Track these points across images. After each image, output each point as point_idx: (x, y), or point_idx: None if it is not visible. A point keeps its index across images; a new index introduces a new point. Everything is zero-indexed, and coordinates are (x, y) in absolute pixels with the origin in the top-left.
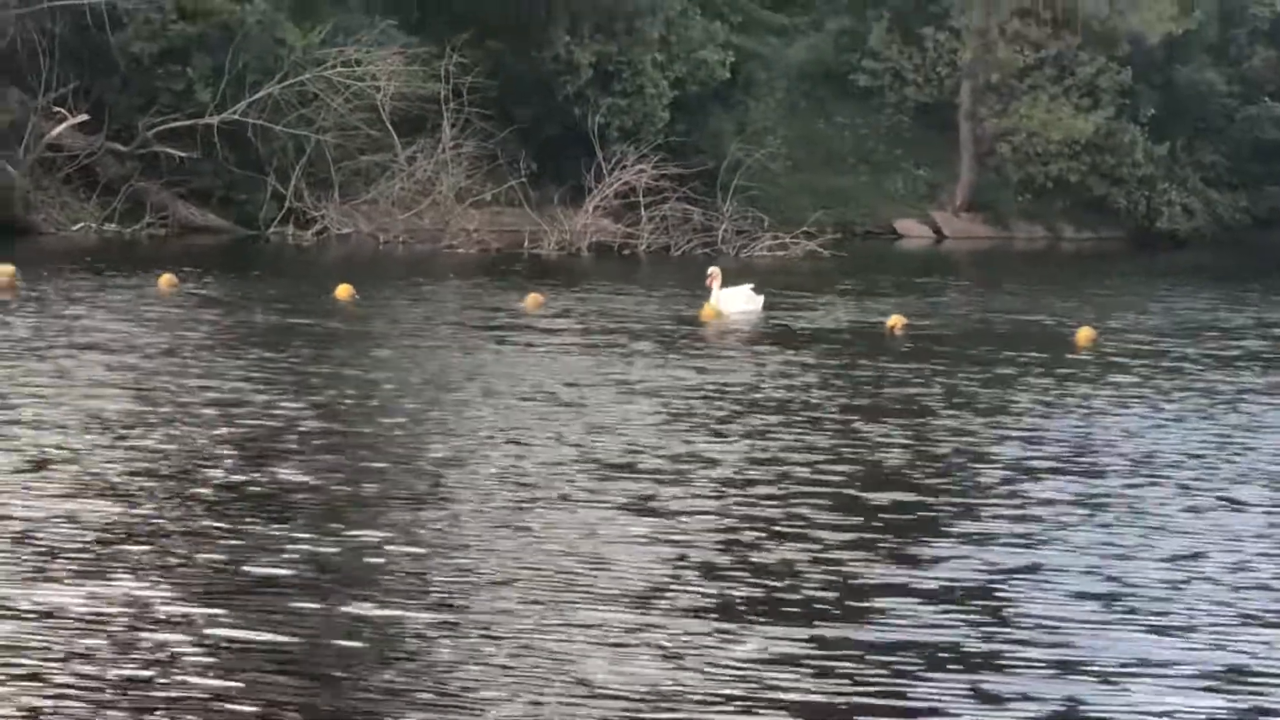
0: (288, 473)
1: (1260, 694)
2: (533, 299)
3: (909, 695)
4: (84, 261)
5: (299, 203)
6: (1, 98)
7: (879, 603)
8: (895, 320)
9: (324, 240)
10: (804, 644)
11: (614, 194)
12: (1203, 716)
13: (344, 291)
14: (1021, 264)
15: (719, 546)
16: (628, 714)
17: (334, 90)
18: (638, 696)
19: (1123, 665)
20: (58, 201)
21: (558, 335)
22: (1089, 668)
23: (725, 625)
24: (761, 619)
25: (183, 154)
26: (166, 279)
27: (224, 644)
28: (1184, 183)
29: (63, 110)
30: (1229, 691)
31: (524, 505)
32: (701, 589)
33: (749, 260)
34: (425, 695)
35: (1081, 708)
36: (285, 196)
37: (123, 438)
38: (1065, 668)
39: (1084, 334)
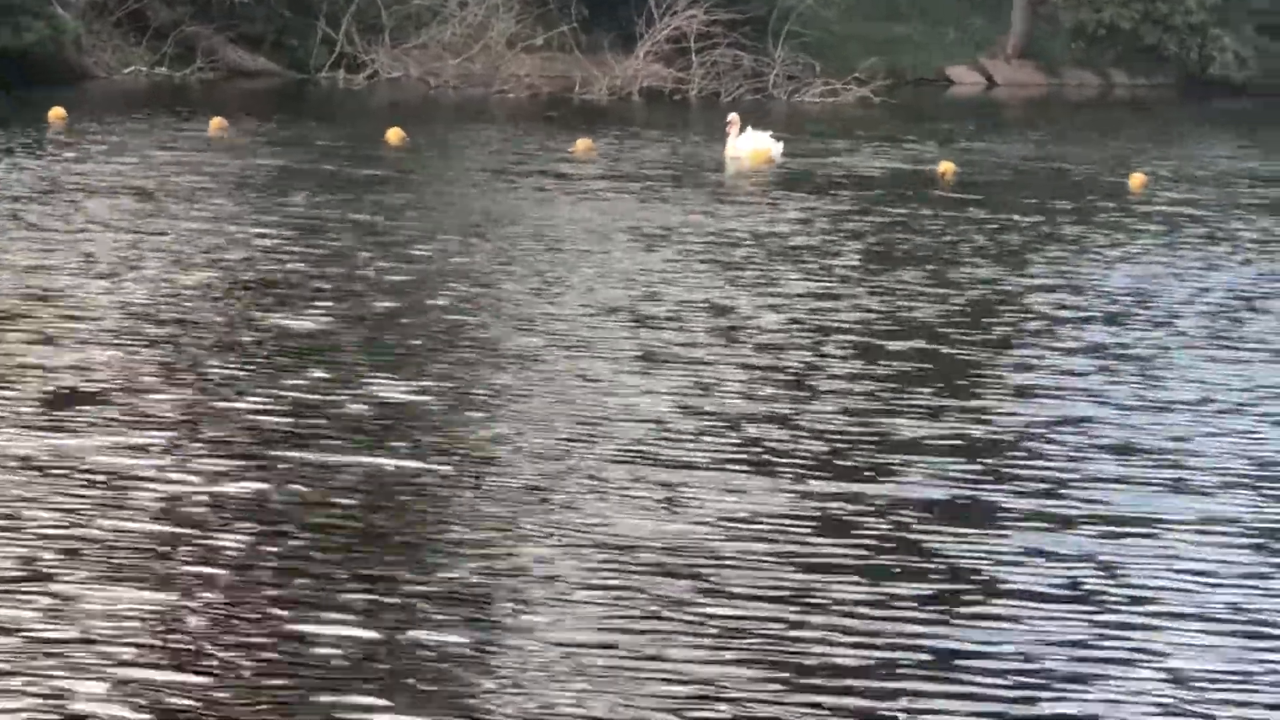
0: (295, 318)
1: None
2: (582, 144)
3: (925, 549)
4: (134, 105)
5: (350, 47)
6: None
7: (896, 457)
8: (945, 167)
9: (374, 84)
10: (821, 499)
11: (665, 39)
12: (1214, 568)
13: (395, 135)
14: (1073, 111)
15: (737, 397)
16: (640, 565)
17: None
18: (651, 549)
19: (1139, 519)
20: (109, 45)
21: (593, 181)
22: (1105, 521)
23: (741, 478)
24: (778, 472)
25: None
26: (216, 122)
27: (223, 497)
28: (1237, 30)
29: None
30: (1245, 547)
31: (539, 353)
32: (718, 440)
33: (800, 106)
34: (433, 545)
35: (1094, 562)
36: (336, 41)
37: (128, 280)
38: (1082, 522)
39: (1136, 179)
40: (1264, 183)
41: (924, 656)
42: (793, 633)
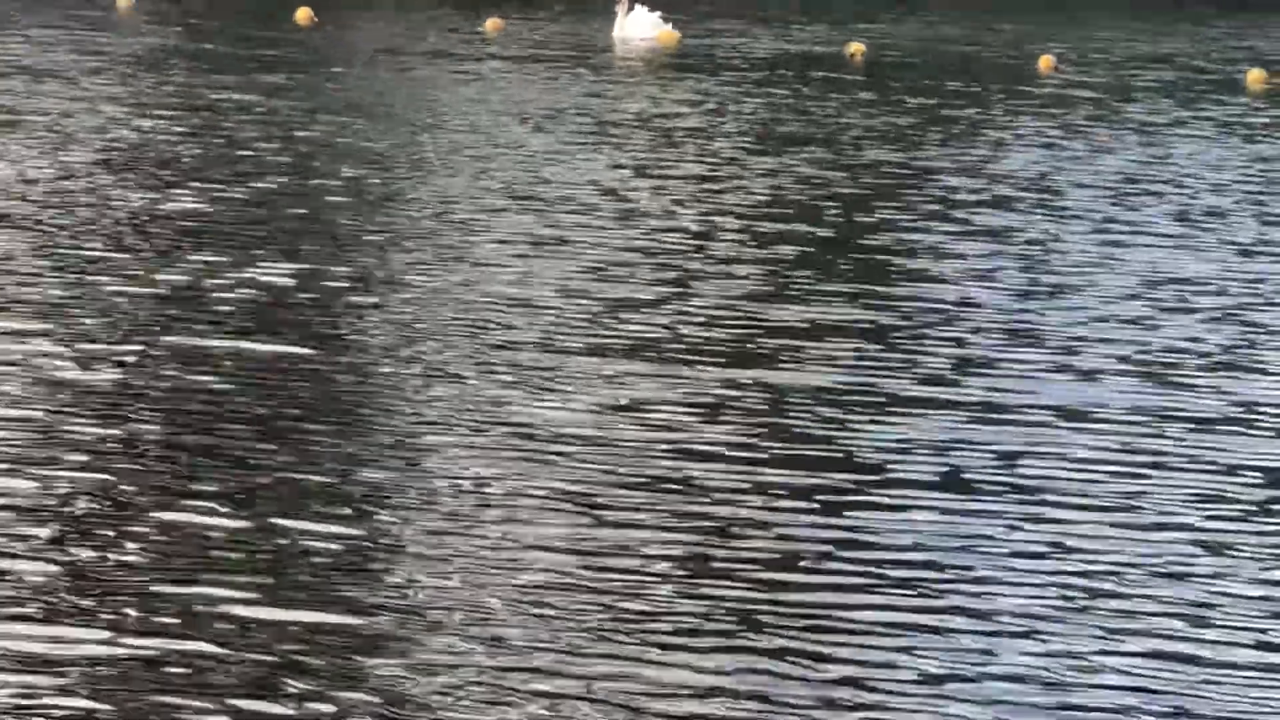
0: (176, 200)
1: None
2: (492, 23)
3: (812, 437)
4: None
5: None
6: None
7: (783, 343)
8: (855, 48)
9: None
10: (707, 385)
11: None
12: (1105, 456)
13: (303, 15)
14: None
15: (623, 282)
16: (524, 453)
17: None
18: (536, 436)
19: (1029, 405)
20: None
21: (489, 62)
22: (995, 408)
23: (627, 364)
24: (665, 358)
25: None
26: (124, 1)
27: (96, 382)
28: None
29: None
30: (1136, 434)
31: (425, 235)
32: (605, 326)
33: None
34: (311, 433)
35: (983, 450)
36: None
37: (2, 163)
38: (972, 409)
39: (1045, 61)
40: (1169, 66)
41: (811, 546)
42: (677, 522)
